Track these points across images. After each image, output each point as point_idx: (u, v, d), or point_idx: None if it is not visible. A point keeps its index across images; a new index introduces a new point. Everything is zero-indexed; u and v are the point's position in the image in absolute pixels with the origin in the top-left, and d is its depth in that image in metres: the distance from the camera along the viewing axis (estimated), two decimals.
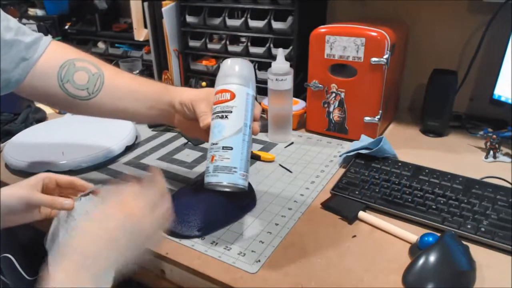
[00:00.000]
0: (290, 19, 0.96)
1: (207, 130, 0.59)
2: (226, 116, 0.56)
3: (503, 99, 0.83)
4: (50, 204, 0.54)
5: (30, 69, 0.62)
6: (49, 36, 0.67)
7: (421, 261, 0.51)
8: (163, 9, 1.10)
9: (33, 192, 0.55)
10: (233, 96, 0.56)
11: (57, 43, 0.66)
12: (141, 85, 0.67)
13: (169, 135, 0.97)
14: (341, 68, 0.86)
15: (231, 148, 0.54)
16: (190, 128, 0.65)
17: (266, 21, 0.98)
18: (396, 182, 0.70)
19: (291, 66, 0.86)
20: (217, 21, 1.05)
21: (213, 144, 0.56)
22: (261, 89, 1.06)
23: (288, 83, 0.85)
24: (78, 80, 0.63)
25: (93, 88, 0.63)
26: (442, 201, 0.64)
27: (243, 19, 1.02)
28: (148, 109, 0.66)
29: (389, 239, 0.60)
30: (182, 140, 0.94)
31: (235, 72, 0.59)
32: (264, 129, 0.96)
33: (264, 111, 0.99)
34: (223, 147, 0.55)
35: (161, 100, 0.66)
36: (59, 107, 0.71)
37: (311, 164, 0.81)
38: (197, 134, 0.63)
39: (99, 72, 0.64)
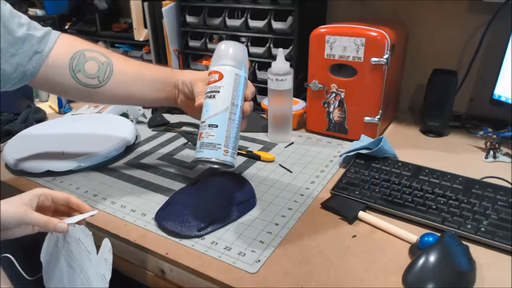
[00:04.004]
0: (290, 19, 0.96)
1: (201, 109, 0.61)
2: (214, 96, 0.59)
3: (503, 99, 0.83)
4: (43, 226, 0.54)
5: (43, 61, 0.66)
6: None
7: (421, 261, 0.51)
8: (163, 9, 1.10)
9: (28, 211, 0.53)
10: (221, 76, 0.59)
11: (66, 35, 0.70)
12: (148, 70, 0.71)
13: (169, 135, 0.97)
14: (341, 68, 0.86)
15: (216, 126, 0.57)
16: (191, 107, 0.68)
17: (266, 21, 0.98)
18: (396, 182, 0.70)
19: (291, 66, 0.86)
20: (217, 21, 1.05)
21: (202, 122, 0.59)
22: (261, 89, 1.06)
23: (288, 83, 0.85)
24: (88, 70, 0.67)
25: (103, 76, 0.67)
26: (442, 201, 0.64)
27: (243, 19, 1.02)
28: (155, 92, 0.70)
29: (389, 239, 0.60)
30: (182, 140, 0.94)
31: (226, 54, 0.61)
32: (264, 129, 0.96)
33: (264, 111, 0.99)
34: (209, 124, 0.58)
35: (167, 82, 0.70)
36: (71, 96, 0.75)
37: (311, 164, 0.81)
38: (197, 113, 0.65)
39: (108, 61, 0.68)
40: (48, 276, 0.58)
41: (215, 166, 0.60)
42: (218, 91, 0.59)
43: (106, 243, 0.56)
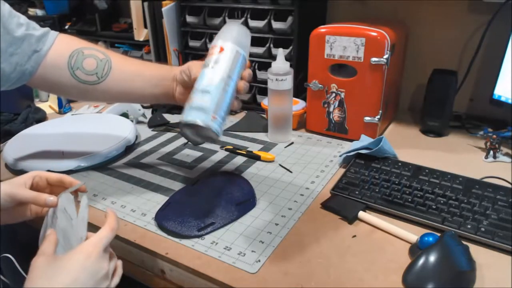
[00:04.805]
0: (290, 19, 0.96)
1: None
2: (211, 66, 0.58)
3: (503, 99, 0.83)
4: (34, 200, 0.54)
5: (41, 60, 0.66)
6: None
7: (421, 261, 0.52)
8: (163, 9, 1.10)
9: (21, 188, 0.54)
10: (221, 50, 0.59)
11: (64, 35, 0.70)
12: (147, 67, 0.71)
13: (169, 135, 0.97)
14: (341, 68, 0.86)
15: (209, 92, 0.57)
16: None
17: (266, 21, 0.98)
18: (396, 182, 0.70)
19: (291, 66, 0.86)
20: (217, 21, 1.05)
21: (195, 89, 0.58)
22: (261, 89, 1.06)
23: (288, 83, 0.85)
24: (87, 66, 0.67)
25: (102, 73, 0.67)
26: (442, 201, 0.64)
27: (243, 19, 1.02)
28: (153, 88, 0.70)
29: (389, 239, 0.60)
30: (182, 140, 0.94)
31: (230, 33, 0.62)
32: (264, 129, 0.96)
33: (264, 111, 0.99)
34: (202, 90, 0.57)
35: (165, 77, 0.70)
36: (69, 95, 0.76)
37: (311, 164, 0.81)
38: None
39: (107, 58, 0.68)
40: None
41: (199, 139, 0.59)
42: (217, 62, 0.59)
43: (83, 200, 0.54)
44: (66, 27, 1.41)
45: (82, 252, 0.46)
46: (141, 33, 1.25)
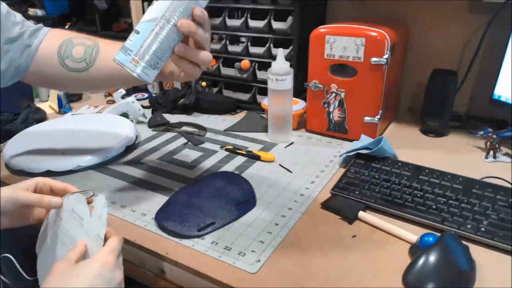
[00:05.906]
0: (290, 19, 0.96)
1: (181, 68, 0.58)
2: (153, 4, 0.56)
3: (503, 99, 0.83)
4: (38, 202, 0.54)
5: (33, 54, 0.67)
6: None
7: (421, 261, 0.52)
8: None
9: (24, 192, 0.54)
10: None
11: (56, 29, 0.71)
12: None
13: (169, 135, 0.97)
14: (341, 68, 0.86)
15: (138, 32, 0.55)
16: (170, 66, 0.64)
17: (266, 21, 0.98)
18: (396, 182, 0.70)
19: (291, 66, 0.86)
20: (217, 21, 1.05)
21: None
22: (261, 89, 1.06)
23: (288, 83, 0.85)
24: (76, 54, 0.67)
25: (90, 58, 0.67)
26: (442, 201, 0.64)
27: (243, 19, 1.02)
28: None
29: (389, 239, 0.60)
30: (182, 140, 0.94)
31: None
32: (264, 129, 0.96)
33: (264, 111, 0.99)
34: (135, 29, 0.55)
35: None
36: (63, 86, 0.78)
37: (311, 164, 0.81)
38: (172, 72, 0.63)
39: (94, 43, 0.69)
40: (39, 263, 0.57)
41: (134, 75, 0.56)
42: (158, 0, 0.55)
43: (99, 199, 0.52)
44: (66, 27, 1.41)
45: (99, 260, 0.48)
46: None
